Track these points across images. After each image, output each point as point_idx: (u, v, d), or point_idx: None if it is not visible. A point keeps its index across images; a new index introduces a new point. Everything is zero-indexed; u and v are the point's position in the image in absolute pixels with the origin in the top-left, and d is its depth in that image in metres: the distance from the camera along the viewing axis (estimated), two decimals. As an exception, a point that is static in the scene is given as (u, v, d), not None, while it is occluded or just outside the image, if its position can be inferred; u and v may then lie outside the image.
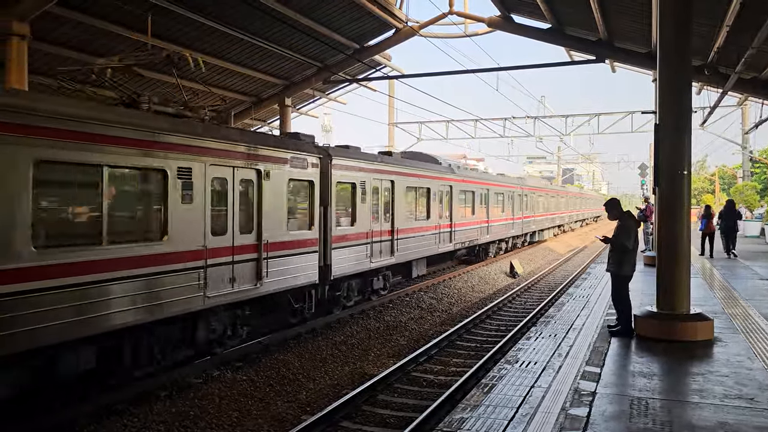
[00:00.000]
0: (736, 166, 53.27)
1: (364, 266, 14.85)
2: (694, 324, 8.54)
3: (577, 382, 6.67)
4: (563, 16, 17.91)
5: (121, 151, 7.99)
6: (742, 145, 39.61)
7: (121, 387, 8.67)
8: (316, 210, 12.62)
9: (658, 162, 9.03)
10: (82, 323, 7.46)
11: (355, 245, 14.30)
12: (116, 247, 7.94)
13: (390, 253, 16.18)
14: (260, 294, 10.78)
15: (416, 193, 18.25)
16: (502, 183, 28.66)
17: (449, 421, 5.61)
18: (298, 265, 11.86)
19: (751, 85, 18.93)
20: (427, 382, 10.32)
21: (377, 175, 15.53)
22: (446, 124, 39.00)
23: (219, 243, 9.75)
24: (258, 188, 10.76)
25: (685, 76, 8.99)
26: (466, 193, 22.73)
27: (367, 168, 15.04)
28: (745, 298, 11.96)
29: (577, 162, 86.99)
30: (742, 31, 12.62)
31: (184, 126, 9.24)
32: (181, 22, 16.71)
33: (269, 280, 10.92)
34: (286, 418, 8.57)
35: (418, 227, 18.10)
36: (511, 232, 29.63)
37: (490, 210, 25.82)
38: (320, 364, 11.09)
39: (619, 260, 9.00)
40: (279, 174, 11.29)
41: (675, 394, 6.29)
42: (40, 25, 14.71)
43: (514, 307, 17.64)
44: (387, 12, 19.51)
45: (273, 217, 11.09)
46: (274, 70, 22.28)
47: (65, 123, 7.28)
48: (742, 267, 17.41)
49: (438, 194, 19.69)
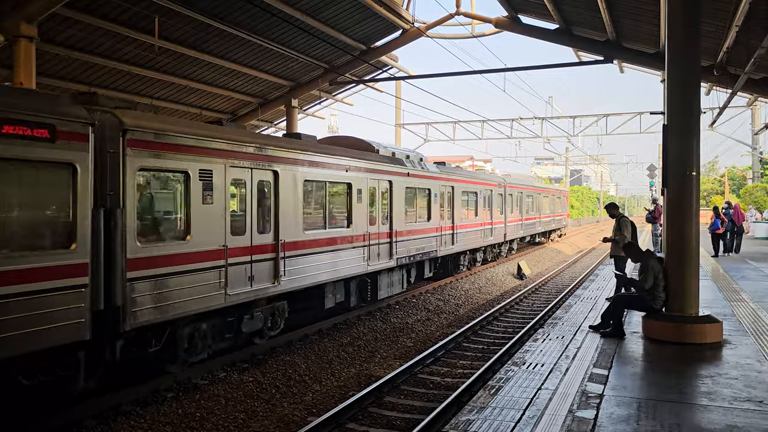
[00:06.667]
0: (746, 167, 52.94)
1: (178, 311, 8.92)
2: (702, 326, 8.48)
3: (585, 384, 6.63)
4: (571, 17, 17.84)
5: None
6: (751, 146, 39.34)
7: (126, 388, 8.69)
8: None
9: (666, 163, 8.98)
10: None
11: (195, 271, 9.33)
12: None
13: (272, 278, 10.81)
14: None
15: (326, 190, 12.79)
16: (476, 180, 23.54)
17: (456, 422, 5.58)
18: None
19: (761, 86, 18.80)
20: (433, 383, 10.29)
21: (246, 163, 10.33)
22: (453, 125, 38.95)
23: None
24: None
25: (694, 77, 8.93)
26: (417, 191, 17.51)
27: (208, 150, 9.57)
28: (755, 300, 11.86)
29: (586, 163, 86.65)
30: (752, 32, 12.53)
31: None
32: (188, 24, 16.75)
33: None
34: (293, 420, 8.56)
35: (326, 238, 12.51)
36: (488, 239, 24.33)
37: (457, 213, 20.46)
38: (327, 365, 11.08)
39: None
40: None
41: (683, 397, 6.23)
42: (47, 27, 14.80)
43: (521, 309, 17.58)
44: (394, 13, 19.50)
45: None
46: (281, 71, 22.31)
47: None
48: (751, 269, 17.28)
49: (368, 192, 14.41)
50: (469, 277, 21.87)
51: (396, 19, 19.90)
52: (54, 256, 7.01)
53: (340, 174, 13.21)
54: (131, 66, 18.43)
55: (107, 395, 8.37)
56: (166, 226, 8.99)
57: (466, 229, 21.56)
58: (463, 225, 21.16)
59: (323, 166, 12.56)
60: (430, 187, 18.25)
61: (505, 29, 20.27)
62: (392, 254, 15.49)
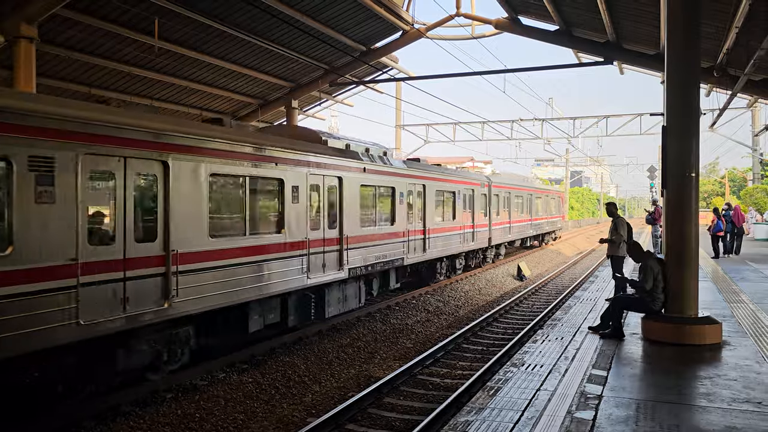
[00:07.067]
0: (746, 168, 52.94)
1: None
2: (702, 327, 8.48)
3: (584, 385, 6.62)
4: (571, 18, 17.85)
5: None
6: (752, 148, 39.34)
7: (126, 388, 8.69)
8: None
9: (665, 164, 8.98)
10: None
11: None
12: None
13: (162, 299, 8.58)
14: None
15: (245, 187, 10.41)
16: (454, 178, 20.94)
17: (454, 424, 5.58)
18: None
19: (761, 87, 18.82)
20: (433, 385, 10.28)
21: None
22: (453, 127, 38.97)
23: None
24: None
25: (693, 79, 8.93)
26: (378, 189, 15.11)
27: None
28: (755, 301, 11.86)
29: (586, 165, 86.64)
30: (752, 33, 12.55)
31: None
32: (187, 25, 16.77)
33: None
34: (292, 421, 8.56)
35: (246, 246, 10.30)
36: (469, 244, 21.96)
37: (430, 215, 18.20)
38: (326, 366, 11.08)
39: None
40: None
41: (682, 398, 6.23)
42: (48, 28, 14.82)
43: (521, 310, 17.57)
44: (394, 14, 19.52)
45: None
46: (281, 72, 22.32)
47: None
48: (751, 270, 17.28)
49: (307, 191, 11.98)
50: (469, 278, 21.87)
51: (396, 20, 19.92)
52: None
53: (267, 168, 10.77)
54: (131, 67, 18.44)
55: (107, 396, 8.37)
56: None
57: (442, 234, 19.28)
58: (438, 229, 18.96)
59: (238, 157, 10.12)
60: (395, 185, 15.87)
61: (505, 30, 20.29)
62: (342, 264, 13.10)
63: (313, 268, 12.06)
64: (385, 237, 15.27)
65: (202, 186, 9.28)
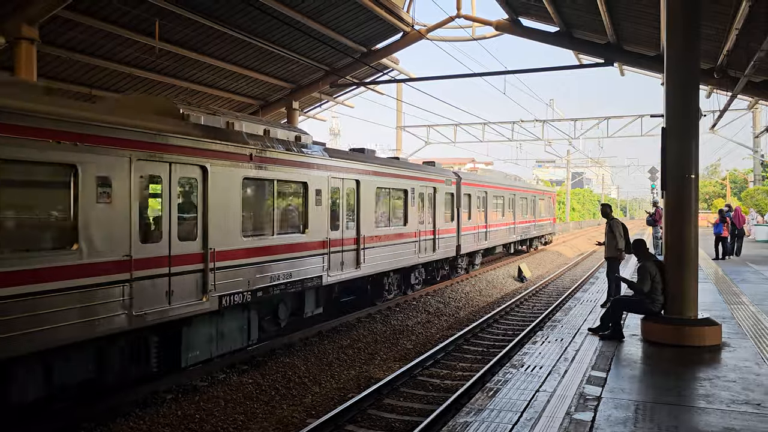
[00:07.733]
0: (747, 170, 52.91)
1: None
2: (701, 329, 8.48)
3: (583, 386, 6.63)
4: (571, 20, 17.86)
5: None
6: (753, 149, 39.35)
7: (126, 389, 8.70)
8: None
9: (665, 166, 8.98)
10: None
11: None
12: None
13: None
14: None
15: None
16: (404, 174, 16.79)
17: (453, 425, 5.59)
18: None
19: (762, 89, 18.81)
20: (433, 386, 10.29)
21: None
22: (454, 128, 39.01)
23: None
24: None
25: (693, 80, 8.94)
26: (277, 185, 11.23)
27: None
28: (755, 303, 11.85)
29: (587, 166, 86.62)
30: (752, 35, 12.55)
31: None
32: (188, 26, 16.79)
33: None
34: (292, 422, 8.56)
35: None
36: (427, 254, 18.15)
37: (368, 219, 14.54)
38: (326, 367, 11.08)
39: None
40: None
41: (681, 399, 6.23)
42: (48, 29, 14.85)
43: (521, 311, 17.57)
44: (394, 16, 19.54)
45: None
46: (282, 73, 22.35)
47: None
48: (751, 272, 17.27)
49: (138, 187, 8.21)
50: (469, 279, 21.87)
51: (397, 21, 19.94)
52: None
53: (51, 150, 7.03)
54: (132, 68, 18.47)
55: (106, 396, 8.38)
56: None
57: (386, 243, 15.40)
58: (380, 236, 15.08)
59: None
60: (307, 180, 12.06)
61: (506, 32, 20.31)
62: (207, 290, 9.30)
63: (150, 299, 8.59)
64: (291, 249, 11.57)
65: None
